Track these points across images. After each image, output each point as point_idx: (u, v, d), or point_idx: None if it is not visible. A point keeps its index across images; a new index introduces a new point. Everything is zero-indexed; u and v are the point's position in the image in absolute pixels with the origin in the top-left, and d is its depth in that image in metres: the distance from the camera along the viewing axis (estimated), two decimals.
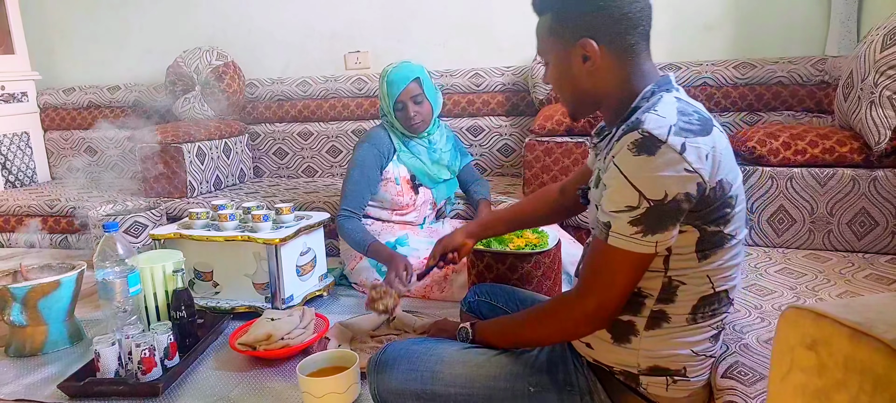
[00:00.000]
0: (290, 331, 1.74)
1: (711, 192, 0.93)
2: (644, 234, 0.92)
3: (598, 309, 0.99)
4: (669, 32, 2.86)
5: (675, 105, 0.96)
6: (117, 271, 1.74)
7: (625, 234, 0.93)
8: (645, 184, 0.90)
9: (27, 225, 2.92)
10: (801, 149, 1.63)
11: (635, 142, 0.90)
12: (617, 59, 1.03)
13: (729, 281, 1.01)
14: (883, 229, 1.59)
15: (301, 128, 3.25)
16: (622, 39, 1.02)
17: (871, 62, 1.60)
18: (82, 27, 3.60)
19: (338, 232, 2.17)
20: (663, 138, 0.89)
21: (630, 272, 0.96)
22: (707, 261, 0.98)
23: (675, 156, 0.89)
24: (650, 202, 0.90)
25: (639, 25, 1.03)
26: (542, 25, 1.09)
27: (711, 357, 1.06)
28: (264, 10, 3.30)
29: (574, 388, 1.08)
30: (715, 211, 0.95)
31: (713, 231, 0.96)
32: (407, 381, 1.14)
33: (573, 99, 1.11)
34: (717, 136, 0.95)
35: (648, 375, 1.04)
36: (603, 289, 0.98)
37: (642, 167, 0.90)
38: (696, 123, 0.94)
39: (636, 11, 1.02)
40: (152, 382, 1.57)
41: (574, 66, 1.05)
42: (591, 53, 1.02)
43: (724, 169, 0.94)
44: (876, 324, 0.52)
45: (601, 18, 1.01)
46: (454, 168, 2.35)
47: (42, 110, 3.60)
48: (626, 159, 0.91)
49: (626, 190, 0.91)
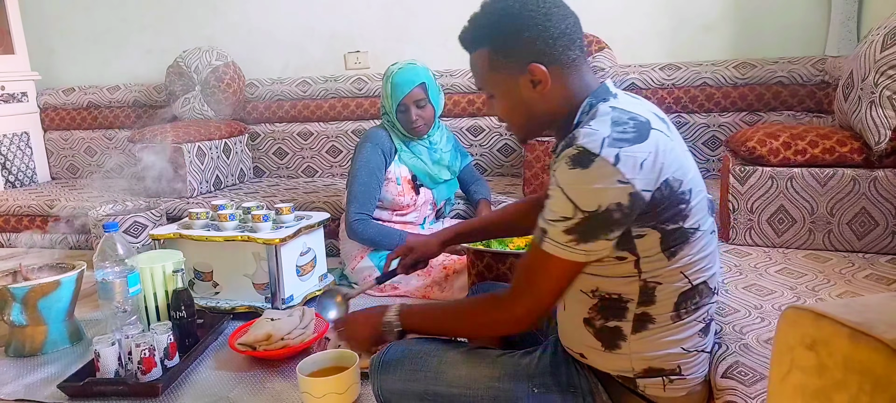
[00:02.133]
0: (290, 331, 1.74)
1: (657, 194, 0.94)
2: (577, 243, 0.95)
3: (527, 312, 1.03)
4: (669, 32, 2.86)
5: (609, 116, 0.97)
6: (117, 271, 1.74)
7: (559, 242, 0.96)
8: (579, 195, 0.92)
9: (37, 227, 2.93)
10: (802, 149, 1.63)
11: (571, 157, 0.93)
12: (563, 78, 1.04)
13: (704, 272, 1.02)
14: (883, 229, 1.59)
15: (301, 128, 3.25)
16: (564, 56, 1.03)
17: (872, 62, 1.59)
18: (82, 27, 3.60)
19: (352, 236, 2.15)
20: (596, 151, 0.91)
21: (562, 278, 0.99)
22: (676, 258, 0.99)
23: (608, 168, 0.91)
24: (583, 213, 0.92)
25: (576, 39, 1.05)
26: (480, 60, 1.09)
27: (703, 352, 1.07)
28: (264, 10, 3.30)
29: (577, 390, 1.08)
30: (668, 209, 0.96)
31: (673, 228, 0.97)
32: (410, 381, 1.14)
33: (527, 125, 1.12)
34: (657, 138, 0.96)
35: (644, 377, 1.04)
36: (535, 293, 1.01)
37: (577, 180, 0.92)
38: (631, 131, 0.95)
39: (570, 27, 1.04)
40: (152, 382, 1.57)
41: (524, 93, 1.06)
42: (540, 77, 1.03)
43: (669, 168, 0.95)
44: (876, 324, 0.52)
45: (542, 41, 1.02)
46: (454, 168, 2.34)
47: (42, 110, 3.60)
48: (563, 172, 0.94)
49: (562, 201, 0.94)
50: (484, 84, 1.11)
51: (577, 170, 0.92)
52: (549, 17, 1.02)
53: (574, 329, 1.09)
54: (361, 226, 2.12)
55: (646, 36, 2.88)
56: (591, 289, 1.05)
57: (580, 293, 1.06)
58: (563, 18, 1.03)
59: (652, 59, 2.84)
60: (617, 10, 2.90)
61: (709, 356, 1.09)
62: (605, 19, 2.87)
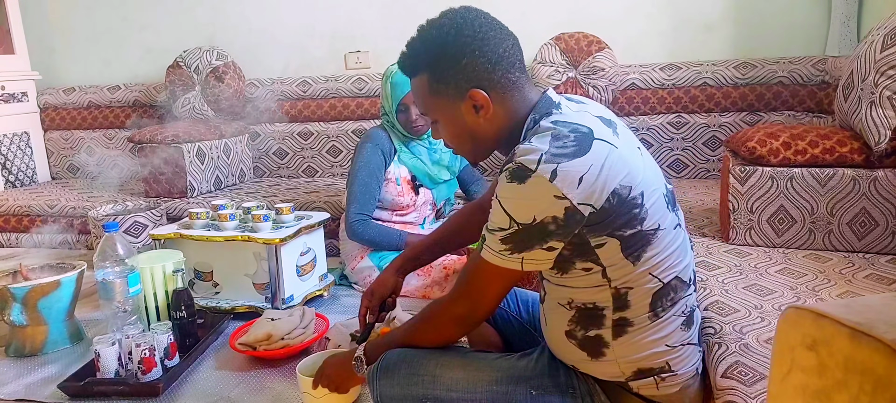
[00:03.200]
0: (290, 331, 1.74)
1: (606, 204, 0.94)
2: (512, 252, 0.98)
3: (467, 314, 1.08)
4: (670, 33, 2.86)
5: (549, 132, 0.97)
6: (117, 271, 1.75)
7: (495, 249, 0.99)
8: (515, 208, 0.95)
9: (37, 228, 2.93)
10: (802, 149, 1.63)
11: (510, 171, 0.95)
12: (505, 100, 1.05)
13: (674, 268, 1.02)
14: (883, 229, 1.58)
15: (301, 128, 3.25)
16: (505, 79, 1.04)
17: (872, 62, 1.59)
18: (82, 27, 3.60)
19: (353, 236, 2.15)
20: (533, 168, 0.93)
21: (498, 283, 1.04)
22: (642, 262, 0.99)
23: (544, 185, 0.92)
24: (519, 224, 0.95)
25: (515, 61, 1.05)
26: (421, 86, 1.09)
27: (690, 344, 1.07)
28: (264, 9, 3.30)
29: (576, 391, 1.08)
30: (621, 217, 0.96)
31: (631, 233, 0.97)
32: (408, 386, 1.14)
33: (472, 149, 1.13)
34: (598, 150, 0.95)
35: (635, 379, 1.05)
36: (473, 296, 1.06)
37: (513, 194, 0.95)
38: (571, 145, 0.94)
39: (509, 49, 1.04)
40: (152, 382, 1.57)
41: (467, 118, 1.07)
42: (481, 102, 1.04)
43: (616, 177, 0.95)
44: (876, 325, 0.52)
45: (480, 66, 1.02)
46: (454, 169, 2.34)
47: (42, 110, 3.61)
48: (502, 186, 0.96)
49: (500, 213, 0.96)
50: (427, 109, 1.12)
51: (515, 184, 0.94)
52: (485, 41, 1.02)
53: (559, 342, 1.10)
54: (361, 227, 2.13)
55: (647, 36, 2.88)
56: (567, 301, 1.05)
57: (558, 305, 1.07)
58: (500, 42, 1.03)
59: (653, 59, 2.84)
60: (618, 11, 2.90)
61: (697, 348, 1.10)
62: (607, 20, 2.88)
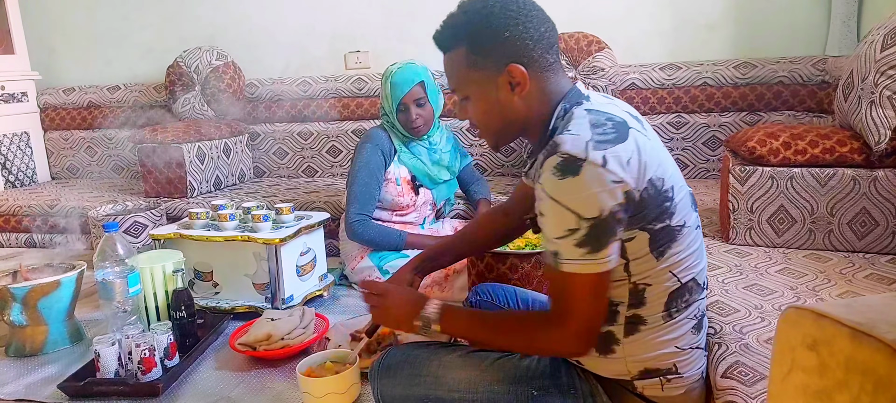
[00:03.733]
0: (290, 331, 1.74)
1: (645, 193, 0.93)
2: (592, 253, 0.91)
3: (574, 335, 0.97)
4: (670, 32, 2.86)
5: (587, 119, 0.96)
6: (117, 271, 1.74)
7: (574, 258, 0.92)
8: (579, 204, 0.90)
9: (37, 228, 2.93)
10: (802, 149, 1.63)
11: (558, 166, 0.90)
12: (540, 81, 1.03)
13: (693, 269, 1.02)
14: (883, 229, 1.58)
15: (301, 128, 3.25)
16: (543, 60, 1.03)
17: (872, 62, 1.59)
18: (82, 27, 3.60)
19: (352, 236, 2.15)
20: (583, 156, 0.90)
21: (593, 292, 0.95)
22: (665, 258, 0.98)
23: (599, 170, 0.89)
24: (588, 220, 0.90)
25: (553, 44, 1.04)
26: (456, 60, 1.06)
27: (698, 348, 1.07)
28: (264, 9, 3.30)
29: (577, 392, 1.08)
30: (654, 209, 0.95)
31: (660, 227, 0.97)
32: (410, 386, 1.14)
33: (501, 129, 1.09)
34: (636, 138, 0.95)
35: (641, 379, 1.04)
36: (575, 314, 0.96)
37: (571, 188, 0.90)
38: (611, 132, 0.94)
39: (549, 31, 1.03)
40: (152, 382, 1.57)
41: (502, 95, 1.04)
42: (519, 79, 1.02)
43: (651, 167, 0.94)
44: (877, 325, 0.52)
45: (521, 42, 1.01)
46: (454, 169, 2.34)
47: (42, 110, 3.60)
48: (554, 184, 0.91)
49: (563, 214, 0.90)
50: (459, 85, 1.09)
51: (569, 178, 0.90)
52: (529, 18, 1.01)
53: None
54: (361, 227, 2.12)
55: (647, 36, 2.88)
56: None
57: None
58: (542, 22, 1.03)
59: (653, 59, 2.84)
60: (619, 11, 2.89)
61: (704, 352, 1.10)
62: (607, 20, 2.87)
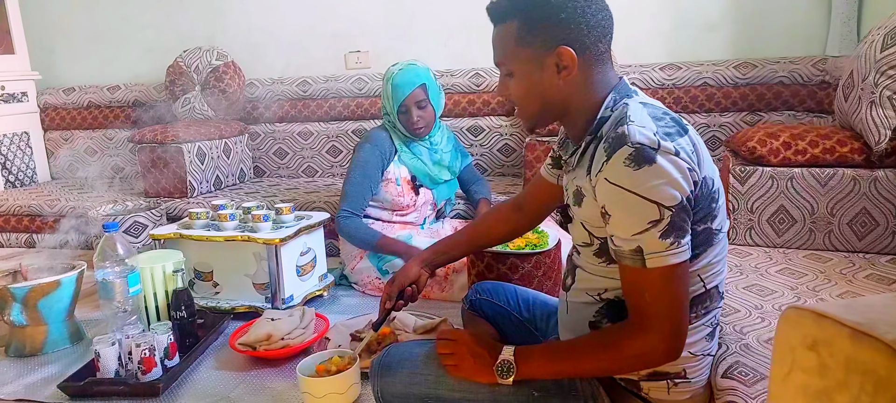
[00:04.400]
0: (290, 331, 1.74)
1: (698, 191, 0.93)
2: (675, 241, 0.89)
3: (669, 338, 0.93)
4: (670, 32, 2.86)
5: (646, 111, 0.95)
6: (117, 271, 1.74)
7: (660, 251, 0.89)
8: (658, 194, 0.88)
9: (37, 228, 2.93)
10: (802, 149, 1.63)
11: (631, 157, 0.88)
12: (589, 69, 1.01)
13: (717, 276, 1.02)
14: (884, 229, 1.58)
15: (301, 128, 3.25)
16: (595, 48, 1.01)
17: (872, 62, 1.59)
18: (82, 27, 3.60)
19: (338, 233, 2.17)
20: (656, 145, 0.88)
21: (681, 284, 0.92)
22: (698, 260, 0.98)
23: (673, 158, 0.88)
24: (669, 209, 0.88)
25: (608, 33, 1.03)
26: (506, 33, 1.03)
27: (709, 355, 1.06)
28: (264, 9, 3.30)
29: (578, 393, 1.07)
30: (704, 208, 0.95)
31: (703, 228, 0.96)
32: (410, 385, 1.13)
33: (540, 111, 1.07)
34: (692, 134, 0.96)
35: (649, 380, 1.04)
36: (667, 316, 0.92)
37: (649, 177, 0.87)
38: (672, 125, 0.94)
39: (606, 19, 1.02)
40: (152, 382, 1.57)
41: (546, 76, 1.02)
42: (568, 62, 0.99)
43: (705, 165, 0.95)
44: (877, 325, 0.52)
45: (576, 26, 0.99)
46: (454, 169, 2.34)
47: (42, 110, 3.60)
48: (628, 176, 0.88)
49: (643, 206, 0.88)
50: (505, 59, 1.06)
51: (644, 167, 0.87)
52: (589, 3, 0.99)
53: (579, 332, 1.08)
54: (343, 223, 2.12)
55: (648, 36, 2.88)
56: (599, 291, 1.03)
57: (586, 295, 1.05)
58: (600, 9, 1.01)
59: (653, 59, 2.84)
60: (619, 11, 2.86)
61: (712, 359, 1.09)
62: None
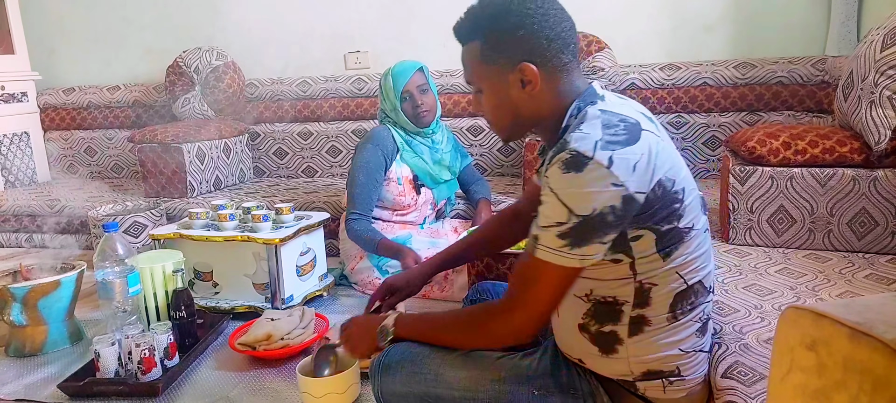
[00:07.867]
0: (290, 331, 1.74)
1: (651, 194, 0.94)
2: (570, 247, 0.93)
3: (524, 322, 1.01)
4: (669, 32, 2.86)
5: (599, 119, 0.96)
6: (117, 271, 1.74)
7: (552, 247, 0.94)
8: (573, 199, 0.92)
9: (37, 228, 2.93)
10: (801, 149, 1.63)
11: (564, 161, 0.92)
12: (553, 80, 1.04)
13: (699, 271, 1.02)
14: (883, 229, 1.59)
15: (301, 128, 3.25)
16: (557, 59, 1.03)
17: (871, 62, 1.59)
18: (82, 27, 3.60)
19: (347, 235, 2.16)
20: (590, 154, 0.91)
21: (556, 285, 0.98)
22: (671, 259, 0.98)
23: (603, 171, 0.90)
24: (578, 217, 0.91)
25: (570, 43, 1.04)
26: (472, 53, 1.07)
27: (702, 352, 1.07)
28: (264, 9, 3.30)
29: (578, 392, 1.08)
30: (662, 209, 0.96)
31: (668, 228, 0.97)
32: (410, 384, 1.14)
33: (511, 124, 1.10)
34: (648, 139, 0.96)
35: (643, 380, 1.04)
36: (530, 302, 0.99)
37: (571, 183, 0.91)
38: (622, 133, 0.94)
39: (566, 31, 1.03)
40: (152, 382, 1.57)
41: (513, 91, 1.05)
42: (531, 77, 1.02)
43: (662, 168, 0.95)
44: (876, 324, 0.52)
45: (536, 41, 1.01)
46: (455, 169, 2.35)
47: (42, 110, 3.60)
48: (556, 177, 0.93)
49: (557, 206, 0.93)
50: (473, 77, 1.10)
51: (571, 173, 0.91)
52: (546, 17, 1.01)
53: (570, 335, 1.09)
54: (352, 224, 2.13)
55: (647, 36, 2.88)
56: (585, 293, 1.04)
57: (574, 297, 1.06)
58: (559, 21, 1.02)
59: (652, 59, 2.84)
60: (618, 11, 2.90)
61: (707, 356, 1.09)
62: (607, 20, 2.87)
